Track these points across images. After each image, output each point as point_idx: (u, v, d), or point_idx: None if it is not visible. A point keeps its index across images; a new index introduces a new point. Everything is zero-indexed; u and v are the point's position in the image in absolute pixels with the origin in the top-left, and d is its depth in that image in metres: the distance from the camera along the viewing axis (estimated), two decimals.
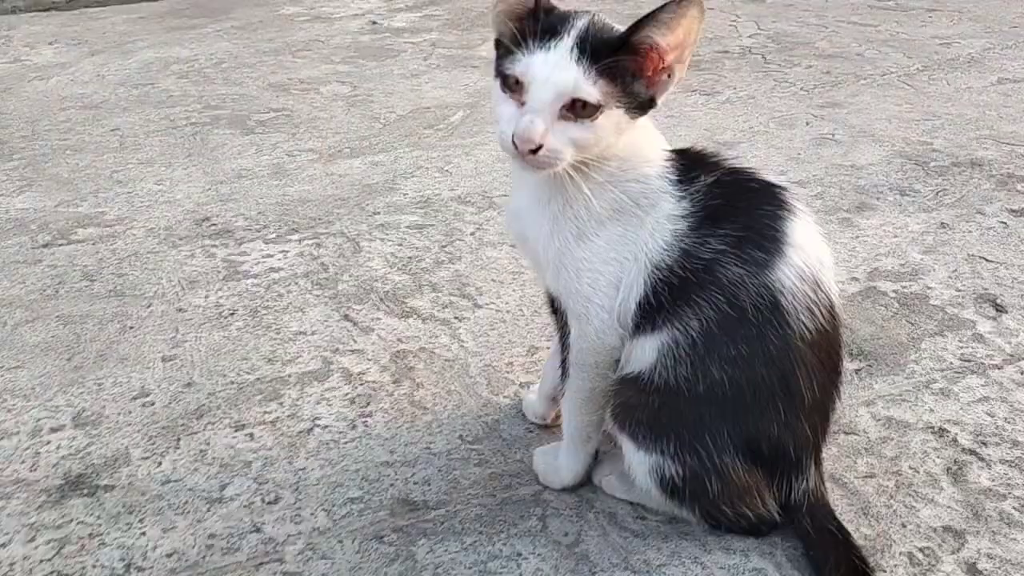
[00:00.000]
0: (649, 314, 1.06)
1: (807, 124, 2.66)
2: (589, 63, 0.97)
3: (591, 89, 0.97)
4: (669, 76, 1.01)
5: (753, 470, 1.05)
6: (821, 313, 1.03)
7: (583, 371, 1.13)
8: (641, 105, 1.02)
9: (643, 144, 1.08)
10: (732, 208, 1.05)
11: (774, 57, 3.39)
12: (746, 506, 1.08)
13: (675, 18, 0.96)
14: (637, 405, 1.07)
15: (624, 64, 0.99)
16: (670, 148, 1.13)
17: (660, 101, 1.03)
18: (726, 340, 1.01)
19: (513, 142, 0.98)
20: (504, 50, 1.03)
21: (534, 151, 0.97)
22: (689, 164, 1.09)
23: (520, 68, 0.98)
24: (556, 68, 0.97)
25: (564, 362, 1.16)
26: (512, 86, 1.00)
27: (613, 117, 1.00)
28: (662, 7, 0.96)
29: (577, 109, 0.98)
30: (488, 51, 3.59)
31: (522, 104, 0.99)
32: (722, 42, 3.63)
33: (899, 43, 3.53)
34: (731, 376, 1.01)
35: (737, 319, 1.01)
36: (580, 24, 0.99)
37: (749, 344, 1.01)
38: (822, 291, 1.04)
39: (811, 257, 1.04)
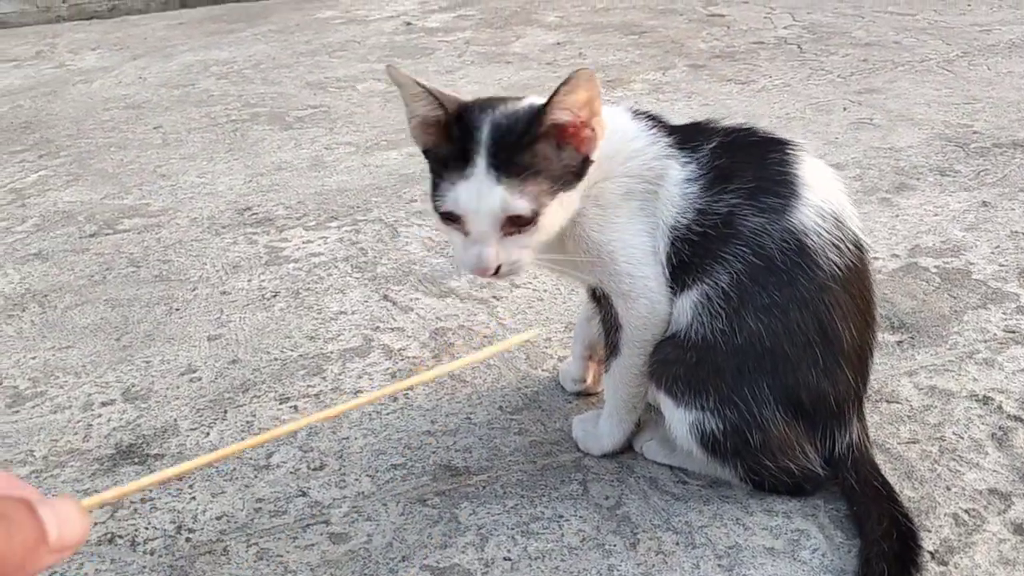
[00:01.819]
0: (679, 275, 1.07)
1: (844, 109, 2.64)
2: (509, 175, 0.98)
3: (521, 203, 0.98)
4: (592, 130, 1.01)
5: (794, 423, 1.05)
6: (848, 248, 1.04)
7: (637, 347, 1.13)
8: (577, 172, 1.02)
9: (615, 132, 1.08)
10: (739, 164, 1.07)
11: (810, 47, 3.37)
12: (789, 459, 1.07)
13: (570, 90, 0.96)
14: (675, 361, 1.07)
15: (544, 151, 0.99)
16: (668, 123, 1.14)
17: (594, 156, 1.03)
18: (758, 289, 1.02)
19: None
20: (431, 165, 1.05)
21: (496, 273, 1.01)
22: (688, 135, 1.11)
23: (450, 204, 1.00)
24: (481, 196, 0.98)
25: (612, 343, 1.15)
26: (450, 220, 1.02)
27: (553, 207, 1.01)
28: (556, 89, 0.96)
29: (516, 222, 0.99)
30: (522, 47, 3.62)
31: (467, 233, 1.01)
32: (757, 33, 3.61)
33: (937, 31, 3.49)
34: (767, 325, 1.02)
35: (766, 268, 1.02)
36: (487, 130, 0.98)
37: (781, 290, 1.02)
38: (845, 226, 1.05)
39: (827, 194, 1.05)
